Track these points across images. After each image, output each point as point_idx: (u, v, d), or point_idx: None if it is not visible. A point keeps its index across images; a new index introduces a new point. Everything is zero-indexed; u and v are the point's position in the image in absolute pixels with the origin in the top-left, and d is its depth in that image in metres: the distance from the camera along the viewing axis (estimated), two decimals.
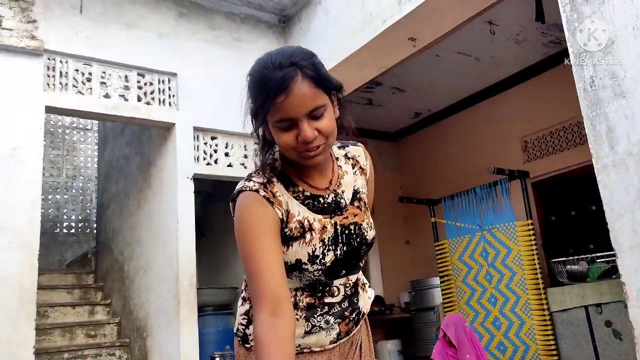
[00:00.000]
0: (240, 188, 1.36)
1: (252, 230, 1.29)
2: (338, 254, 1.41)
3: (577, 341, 4.90)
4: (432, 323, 6.41)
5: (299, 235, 1.36)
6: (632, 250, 2.61)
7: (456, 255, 5.88)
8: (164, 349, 4.11)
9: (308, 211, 1.40)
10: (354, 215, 1.46)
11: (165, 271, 4.21)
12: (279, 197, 1.35)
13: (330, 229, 1.41)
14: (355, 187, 1.49)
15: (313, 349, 1.48)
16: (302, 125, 1.25)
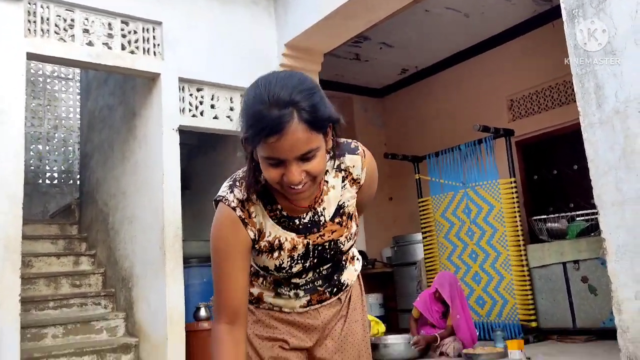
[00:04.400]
0: (223, 196, 1.36)
1: (223, 250, 1.35)
2: (307, 265, 1.44)
3: (554, 296, 5.06)
4: (413, 278, 6.55)
5: (267, 252, 1.40)
6: (614, 208, 2.67)
7: (439, 211, 5.97)
8: (150, 299, 4.16)
9: (281, 230, 1.39)
10: (332, 232, 1.43)
11: (151, 222, 4.21)
12: (254, 218, 1.36)
13: (301, 248, 1.42)
14: (340, 202, 1.44)
15: (283, 310, 1.52)
16: (290, 167, 1.21)
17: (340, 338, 1.54)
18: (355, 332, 1.57)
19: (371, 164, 1.48)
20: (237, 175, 1.39)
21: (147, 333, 4.17)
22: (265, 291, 1.50)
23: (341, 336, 1.54)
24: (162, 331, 3.91)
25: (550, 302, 5.08)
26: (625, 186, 2.64)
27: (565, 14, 2.95)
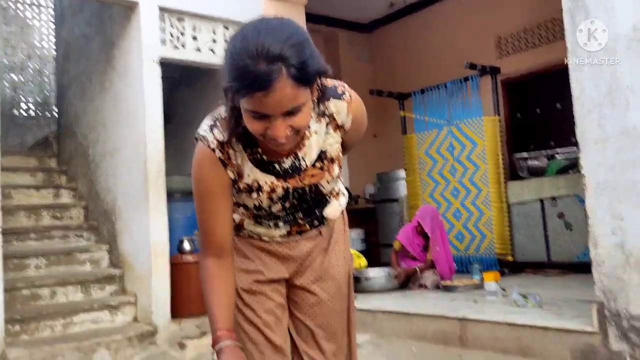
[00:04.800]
0: (203, 136, 1.33)
1: (204, 190, 1.35)
2: (287, 206, 1.44)
3: (530, 231, 5.20)
4: (395, 214, 6.65)
5: (246, 192, 1.39)
6: (596, 145, 2.69)
7: (423, 149, 5.99)
8: (133, 232, 4.16)
9: (260, 173, 1.38)
10: (312, 176, 1.41)
11: (133, 157, 4.15)
12: (233, 161, 1.35)
13: (281, 191, 1.40)
14: (322, 148, 1.41)
15: (263, 238, 1.52)
16: (275, 122, 1.17)
17: (321, 270, 1.55)
18: (336, 265, 1.57)
19: (358, 109, 1.43)
20: (218, 115, 1.35)
21: (131, 265, 4.21)
22: (246, 219, 1.50)
23: (321, 268, 1.55)
24: (146, 263, 3.95)
25: (526, 237, 5.23)
26: (609, 123, 2.65)
27: None
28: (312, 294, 1.55)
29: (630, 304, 2.58)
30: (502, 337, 3.14)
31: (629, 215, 2.58)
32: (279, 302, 1.54)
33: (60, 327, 3.75)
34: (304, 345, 1.56)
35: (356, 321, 1.66)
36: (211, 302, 1.35)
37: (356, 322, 1.66)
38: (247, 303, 1.50)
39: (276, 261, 1.53)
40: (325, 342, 1.55)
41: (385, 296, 4.45)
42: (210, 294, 1.36)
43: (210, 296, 1.36)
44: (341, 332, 1.59)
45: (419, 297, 4.34)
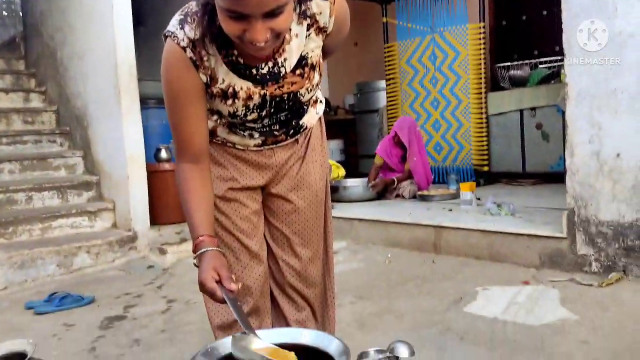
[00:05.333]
0: (172, 32, 1.22)
1: (175, 93, 1.27)
2: (263, 114, 1.35)
3: (507, 142, 5.24)
4: (375, 124, 6.62)
5: (220, 97, 1.30)
6: (582, 52, 2.64)
7: (404, 58, 5.86)
8: (107, 139, 4.08)
9: (236, 78, 1.28)
10: (292, 84, 1.33)
11: (102, 59, 3.98)
12: (206, 62, 1.24)
13: (258, 99, 1.31)
14: (303, 53, 1.31)
15: (237, 146, 1.46)
16: (255, 24, 1.07)
17: (297, 178, 1.52)
18: (313, 172, 1.54)
19: (341, 10, 1.33)
20: (189, 9, 1.23)
21: (107, 172, 4.16)
22: (220, 127, 1.44)
23: (298, 176, 1.52)
24: (122, 171, 3.90)
25: (503, 147, 5.28)
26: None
27: None
28: (288, 202, 1.53)
29: (600, 211, 2.65)
30: (475, 243, 3.23)
31: (606, 123, 2.59)
32: (255, 209, 1.52)
33: (38, 231, 3.76)
34: (280, 252, 1.56)
35: (332, 227, 1.66)
36: (190, 207, 1.29)
37: (332, 228, 1.66)
38: (221, 210, 1.48)
39: (251, 169, 1.49)
40: (301, 248, 1.56)
41: (363, 205, 4.52)
42: (188, 199, 1.30)
43: (189, 201, 1.29)
44: (317, 238, 1.59)
45: (396, 206, 4.41)
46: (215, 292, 1.12)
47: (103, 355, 2.25)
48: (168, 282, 3.31)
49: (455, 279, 2.93)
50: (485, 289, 2.69)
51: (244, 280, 1.51)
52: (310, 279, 1.58)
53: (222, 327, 1.51)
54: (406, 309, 2.52)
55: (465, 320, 2.33)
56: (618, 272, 2.62)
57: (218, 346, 0.94)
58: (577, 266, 2.77)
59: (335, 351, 0.92)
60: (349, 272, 3.25)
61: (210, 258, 1.20)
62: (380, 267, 3.29)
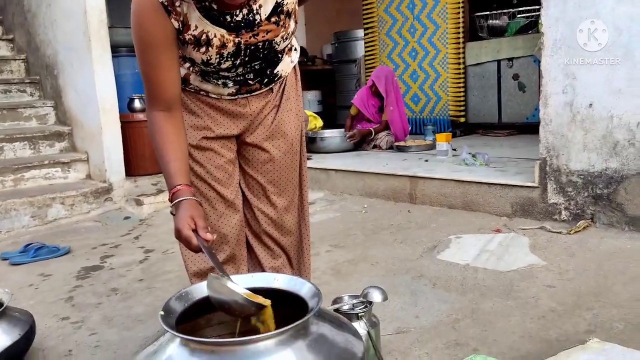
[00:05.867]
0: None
1: (146, 40, 1.23)
2: (237, 62, 1.32)
3: (484, 93, 5.26)
4: (353, 75, 6.56)
5: (193, 44, 1.26)
6: (558, 1, 2.62)
7: (383, 6, 5.76)
8: (79, 87, 3.98)
9: (209, 25, 1.23)
10: (267, 32, 1.30)
11: (71, 5, 3.83)
12: (178, 7, 1.20)
13: (232, 47, 1.28)
14: (278, 0, 1.29)
15: (210, 95, 1.44)
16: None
17: (272, 127, 1.51)
18: (288, 121, 1.54)
19: None
20: None
21: (79, 122, 4.08)
22: (192, 74, 1.41)
23: (273, 125, 1.51)
24: (95, 120, 3.83)
25: (480, 98, 5.30)
26: None
27: None
28: (264, 151, 1.53)
29: (571, 160, 2.71)
30: (449, 193, 3.28)
31: (580, 74, 2.60)
32: (229, 158, 1.51)
33: (10, 182, 3.71)
34: (256, 200, 1.56)
35: (307, 176, 1.67)
36: (165, 156, 1.26)
37: (307, 177, 1.67)
38: (196, 159, 1.47)
39: (225, 118, 1.47)
40: (276, 197, 1.56)
41: (339, 156, 4.53)
42: (162, 149, 1.27)
43: (163, 151, 1.27)
44: (292, 187, 1.59)
45: (373, 157, 4.43)
46: (191, 240, 1.12)
47: (80, 304, 2.27)
48: (145, 233, 3.32)
49: (429, 227, 2.99)
50: (458, 237, 2.75)
51: (220, 229, 1.52)
52: (286, 227, 1.60)
53: (198, 274, 1.53)
54: (381, 257, 2.58)
55: (438, 267, 2.40)
56: (586, 219, 2.70)
57: (192, 291, 0.96)
58: (547, 214, 2.84)
59: (307, 294, 0.94)
60: (326, 221, 3.29)
61: (188, 207, 1.19)
62: (357, 216, 3.34)
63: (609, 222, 2.63)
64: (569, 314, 1.86)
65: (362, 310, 1.46)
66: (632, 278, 2.11)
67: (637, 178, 2.51)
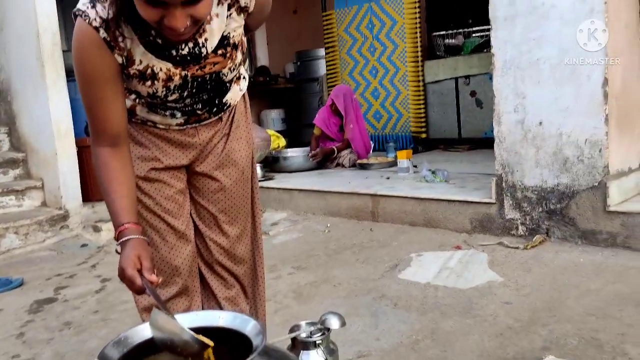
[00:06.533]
0: (83, 11, 1.14)
1: (89, 75, 1.19)
2: (185, 95, 1.31)
3: (444, 109, 5.35)
4: (315, 93, 6.61)
5: (138, 78, 1.24)
6: (505, 22, 2.70)
7: (343, 26, 5.84)
8: (33, 112, 3.89)
9: (155, 59, 1.22)
10: (214, 64, 1.29)
11: (24, 29, 3.75)
12: (121, 43, 1.17)
13: (178, 80, 1.27)
14: (224, 33, 1.27)
15: (158, 125, 1.42)
16: (173, 11, 1.03)
17: (222, 155, 1.50)
18: (238, 149, 1.52)
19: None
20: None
21: (34, 148, 3.98)
22: (139, 106, 1.38)
23: (223, 154, 1.50)
24: (50, 146, 3.74)
25: (440, 115, 5.39)
26: (519, 0, 2.64)
27: None
28: (214, 180, 1.51)
29: (525, 177, 2.77)
30: (410, 210, 3.31)
31: (530, 93, 2.68)
32: (179, 188, 1.48)
33: None
34: (207, 230, 1.54)
35: (260, 202, 1.66)
36: (110, 193, 1.22)
37: (260, 203, 1.66)
38: (145, 191, 1.44)
39: (174, 148, 1.44)
40: (228, 226, 1.54)
41: (303, 175, 4.54)
42: (107, 186, 1.23)
43: (109, 188, 1.23)
44: (244, 215, 1.58)
45: (335, 175, 4.45)
46: (135, 280, 1.09)
47: (32, 340, 2.19)
48: (102, 261, 3.24)
49: (391, 245, 3.01)
50: (419, 255, 2.78)
51: (171, 261, 1.49)
52: (239, 256, 1.58)
53: (149, 310, 1.49)
54: (343, 278, 2.58)
55: (399, 286, 2.41)
56: (542, 234, 2.76)
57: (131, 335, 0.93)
58: (505, 230, 2.89)
59: (251, 332, 0.92)
60: (289, 242, 3.28)
61: (134, 246, 1.16)
62: (319, 236, 3.34)
63: (563, 237, 2.70)
64: (526, 330, 1.88)
65: (320, 337, 1.45)
66: (585, 292, 2.16)
67: (587, 193, 2.58)
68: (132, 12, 1.12)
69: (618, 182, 2.57)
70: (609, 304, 2.02)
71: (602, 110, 2.48)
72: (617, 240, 2.54)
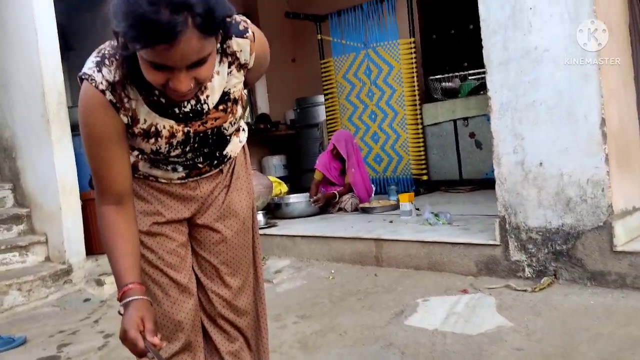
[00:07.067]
0: (89, 75, 1.18)
1: (96, 137, 1.23)
2: (187, 150, 1.35)
3: (444, 151, 5.39)
4: (316, 139, 6.68)
5: (142, 136, 1.28)
6: (500, 66, 2.75)
7: (341, 73, 5.95)
8: (38, 169, 3.93)
9: (158, 117, 1.26)
10: (215, 119, 1.33)
11: (29, 88, 3.83)
12: (127, 104, 1.22)
13: (181, 136, 1.30)
14: (225, 89, 1.32)
15: (160, 180, 1.44)
16: (178, 74, 1.07)
17: (223, 207, 1.51)
18: (239, 200, 1.54)
19: (261, 47, 1.34)
20: (105, 51, 1.21)
21: (38, 203, 4.00)
22: (141, 162, 1.41)
23: (224, 205, 1.51)
24: (54, 201, 3.76)
25: (440, 156, 5.43)
26: (512, 45, 2.70)
27: None
28: (215, 232, 1.51)
29: (528, 218, 2.76)
30: (414, 254, 3.29)
31: (528, 134, 2.70)
32: (181, 241, 1.49)
33: None
34: (209, 282, 1.53)
35: (261, 251, 1.66)
36: (115, 252, 1.25)
37: (261, 252, 1.65)
38: (147, 246, 1.44)
39: (176, 202, 1.46)
40: (230, 278, 1.54)
41: (305, 221, 4.53)
42: (112, 245, 1.25)
43: (113, 246, 1.25)
44: (246, 265, 1.57)
45: (338, 220, 4.44)
46: (137, 342, 1.09)
47: None
48: (105, 316, 3.20)
49: (396, 290, 2.97)
50: (425, 300, 2.74)
51: (174, 316, 1.48)
52: (242, 308, 1.57)
53: None
54: (349, 326, 2.54)
55: (407, 333, 2.37)
56: (549, 276, 2.72)
57: None
58: (511, 272, 2.86)
59: None
60: (293, 290, 3.25)
61: (138, 307, 1.16)
62: (324, 283, 3.30)
63: (572, 278, 2.67)
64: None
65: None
66: (597, 336, 2.12)
67: (593, 233, 2.56)
68: (137, 75, 1.15)
69: (623, 221, 2.56)
70: (621, 348, 1.98)
71: (602, 149, 2.49)
72: (627, 280, 2.51)
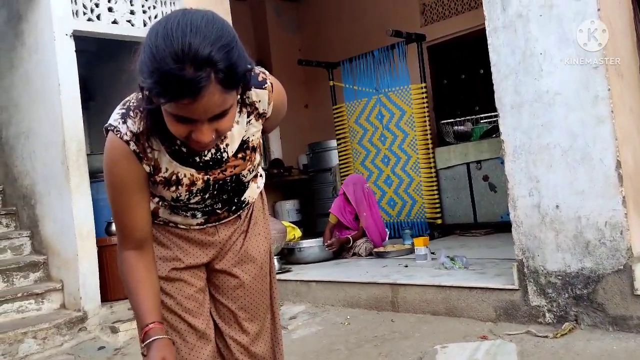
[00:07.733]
0: (115, 127, 1.24)
1: (119, 185, 1.28)
2: (206, 197, 1.39)
3: (457, 194, 5.38)
4: (329, 183, 6.71)
5: (164, 185, 1.33)
6: (512, 110, 2.78)
7: (353, 118, 6.03)
8: (56, 216, 3.98)
9: (179, 166, 1.32)
10: (234, 167, 1.38)
11: (50, 137, 3.93)
12: (149, 154, 1.27)
13: (201, 184, 1.35)
14: (244, 138, 1.36)
15: (179, 226, 1.47)
16: (200, 126, 1.11)
17: (241, 252, 1.53)
18: (257, 245, 1.56)
19: (279, 96, 1.39)
20: (130, 103, 1.27)
21: (55, 250, 4.03)
22: (162, 208, 1.44)
23: (242, 250, 1.53)
24: (71, 247, 3.79)
25: (454, 200, 5.41)
26: (524, 89, 2.74)
27: None
28: (233, 277, 1.53)
29: (547, 261, 2.73)
30: (431, 299, 3.25)
31: (543, 177, 2.70)
32: (200, 287, 1.50)
33: None
34: (227, 328, 1.54)
35: (278, 296, 1.66)
36: (136, 294, 1.29)
37: (278, 297, 1.66)
38: (166, 291, 1.45)
39: (195, 247, 1.49)
40: (248, 323, 1.54)
41: (319, 266, 4.51)
42: (134, 288, 1.30)
43: (135, 290, 1.30)
44: (264, 311, 1.58)
45: (352, 265, 4.41)
46: None
47: None
48: None
49: (413, 337, 2.92)
50: (444, 347, 2.69)
51: None
52: (260, 354, 1.56)
53: None
54: None
55: None
56: (570, 321, 2.67)
57: None
58: (531, 317, 2.81)
59: None
60: (308, 337, 3.20)
61: (160, 347, 1.20)
62: (339, 329, 3.26)
63: (593, 323, 2.61)
64: None
65: None
66: None
67: (614, 277, 2.52)
68: (160, 126, 1.20)
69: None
70: None
71: (619, 192, 2.48)
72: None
